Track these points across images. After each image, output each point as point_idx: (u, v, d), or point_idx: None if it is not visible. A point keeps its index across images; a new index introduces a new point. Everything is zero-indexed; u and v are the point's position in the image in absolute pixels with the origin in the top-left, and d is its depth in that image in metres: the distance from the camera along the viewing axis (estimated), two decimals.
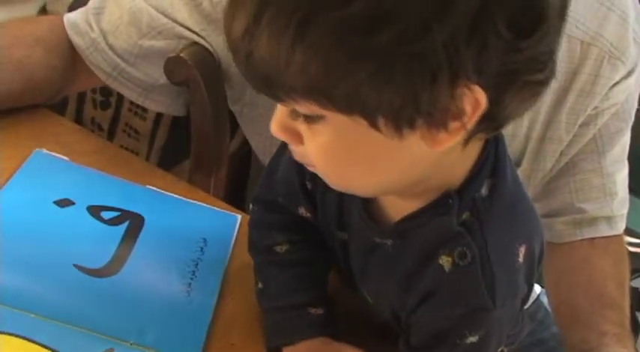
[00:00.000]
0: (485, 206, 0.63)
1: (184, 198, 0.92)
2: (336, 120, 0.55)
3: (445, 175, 0.62)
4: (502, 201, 0.64)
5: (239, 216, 0.92)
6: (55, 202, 0.84)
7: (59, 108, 1.21)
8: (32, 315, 0.71)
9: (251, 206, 0.82)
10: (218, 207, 0.93)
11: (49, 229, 0.82)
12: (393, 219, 0.67)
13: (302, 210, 0.78)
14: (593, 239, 1.02)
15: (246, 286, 0.83)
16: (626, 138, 1.02)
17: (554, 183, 1.02)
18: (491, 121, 0.56)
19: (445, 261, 0.63)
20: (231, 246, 0.88)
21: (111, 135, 1.34)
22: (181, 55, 0.93)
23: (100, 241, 0.82)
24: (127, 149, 1.33)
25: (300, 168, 0.73)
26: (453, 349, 0.65)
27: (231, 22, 0.53)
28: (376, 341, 0.78)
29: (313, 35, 0.50)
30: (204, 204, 0.93)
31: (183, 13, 0.93)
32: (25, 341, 0.69)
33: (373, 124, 0.53)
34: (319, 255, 0.80)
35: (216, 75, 0.95)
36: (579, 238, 1.02)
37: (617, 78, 0.95)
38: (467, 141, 0.58)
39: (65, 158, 0.91)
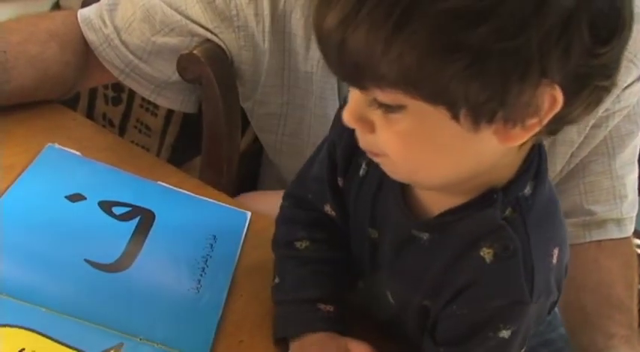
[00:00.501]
0: (527, 204, 0.65)
1: (195, 195, 0.93)
2: (417, 110, 0.56)
3: (494, 174, 0.63)
4: (541, 203, 0.66)
5: (249, 214, 0.93)
6: (66, 197, 0.85)
7: (71, 103, 1.21)
8: (43, 309, 0.72)
9: (282, 201, 0.83)
10: (228, 204, 0.94)
11: (61, 224, 0.82)
12: (432, 213, 0.68)
13: (328, 208, 0.79)
14: (601, 241, 1.02)
15: (255, 283, 0.84)
16: (636, 141, 1.02)
17: (564, 184, 1.02)
18: (556, 123, 0.58)
19: (486, 253, 0.64)
20: (241, 243, 0.88)
21: (122, 131, 1.35)
22: (194, 52, 0.93)
23: (111, 236, 0.83)
24: (137, 145, 1.33)
25: (332, 165, 0.75)
26: (484, 343, 0.66)
27: (325, 11, 0.54)
28: (376, 340, 0.78)
29: (413, 27, 0.51)
30: (215, 201, 0.93)
31: (196, 11, 0.94)
32: (35, 335, 0.70)
33: (455, 116, 0.55)
34: (338, 256, 0.80)
35: (228, 72, 0.96)
36: (588, 240, 1.02)
37: (629, 80, 0.95)
38: (525, 142, 0.59)
39: (77, 153, 0.92)
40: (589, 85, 0.56)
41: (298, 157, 1.02)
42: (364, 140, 0.62)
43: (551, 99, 0.54)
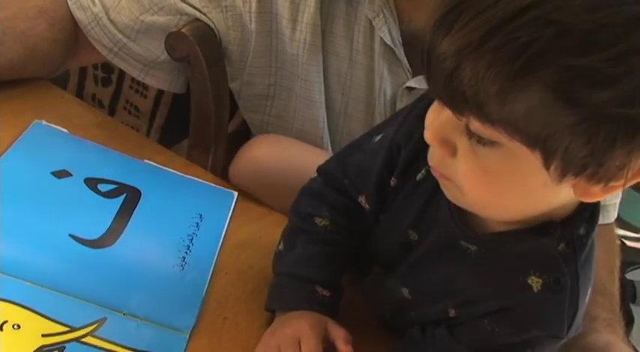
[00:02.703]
0: (581, 243, 0.64)
1: (182, 174, 0.93)
2: (510, 150, 0.54)
3: (554, 210, 0.63)
4: (589, 246, 0.65)
5: (236, 193, 0.93)
6: (52, 173, 0.85)
7: (61, 84, 1.21)
8: (27, 283, 0.72)
9: (314, 174, 0.80)
10: (215, 184, 0.94)
11: (46, 199, 0.82)
12: (485, 229, 0.67)
13: (362, 199, 0.77)
14: None
15: (240, 262, 0.84)
16: None
17: None
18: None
19: (535, 282, 0.64)
20: (227, 222, 0.88)
21: (111, 112, 1.35)
22: (182, 30, 0.93)
23: (97, 213, 0.83)
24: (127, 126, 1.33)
25: (390, 164, 0.73)
26: None
27: (446, 31, 0.52)
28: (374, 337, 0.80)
29: (537, 75, 0.50)
30: (202, 180, 0.93)
31: None
32: (18, 308, 0.70)
33: (547, 164, 0.53)
34: (352, 244, 0.79)
35: (216, 52, 0.95)
36: None
37: None
38: None
39: (65, 130, 0.91)
40: None
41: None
42: (440, 162, 0.60)
43: (636, 169, 0.54)
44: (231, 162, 0.96)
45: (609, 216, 1.04)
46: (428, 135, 0.59)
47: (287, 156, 0.93)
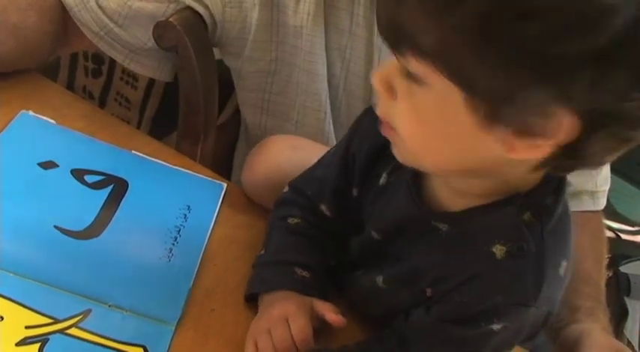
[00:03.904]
0: (547, 212, 0.65)
1: (170, 165, 0.92)
2: (440, 88, 0.56)
3: (518, 185, 0.64)
4: (558, 215, 0.66)
5: (224, 185, 0.92)
6: (38, 164, 0.84)
7: (51, 75, 1.20)
8: (11, 274, 0.71)
9: (286, 188, 0.84)
10: (204, 175, 0.93)
11: (32, 190, 0.81)
12: (454, 209, 0.68)
13: (323, 208, 0.81)
14: (573, 213, 1.01)
15: (228, 254, 0.83)
16: None
17: None
18: (568, 158, 0.58)
19: (499, 249, 0.65)
20: (216, 213, 0.88)
21: (102, 104, 1.34)
22: (171, 19, 0.92)
23: (83, 204, 0.82)
24: (117, 118, 1.32)
25: (345, 174, 0.78)
26: (473, 330, 0.66)
27: None
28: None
29: (466, 4, 0.51)
30: (190, 172, 0.92)
31: None
32: (3, 300, 0.69)
33: (472, 105, 0.55)
34: (326, 238, 0.81)
35: (205, 41, 0.95)
36: None
37: None
38: (537, 169, 0.60)
39: (52, 121, 0.90)
40: (611, 127, 0.55)
41: (282, 117, 1.01)
42: (384, 108, 0.62)
43: (568, 126, 0.54)
44: (243, 169, 0.94)
45: (598, 203, 1.04)
46: (374, 80, 0.61)
47: (303, 156, 0.92)
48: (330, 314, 0.74)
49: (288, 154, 0.91)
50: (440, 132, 0.59)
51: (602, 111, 0.53)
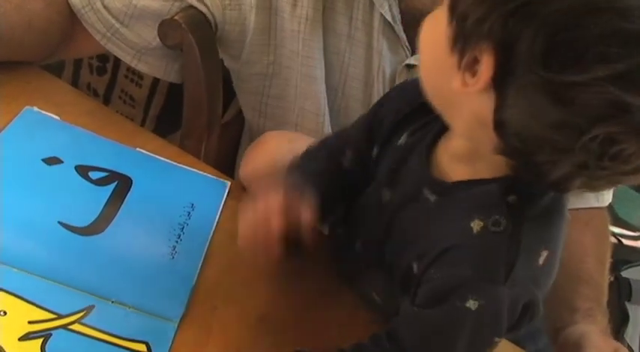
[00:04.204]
0: (533, 198, 0.65)
1: (174, 162, 0.92)
2: (441, 10, 0.61)
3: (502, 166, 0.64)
4: (545, 204, 0.66)
5: (228, 183, 0.92)
6: (43, 160, 0.84)
7: (56, 72, 1.20)
8: (15, 269, 0.71)
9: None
10: (208, 173, 0.93)
11: (36, 186, 0.81)
12: (448, 180, 0.69)
13: (343, 159, 0.81)
14: (578, 210, 1.00)
15: (231, 252, 0.83)
16: None
17: None
18: (532, 174, 0.60)
19: (476, 224, 0.64)
20: (219, 211, 0.87)
21: (107, 102, 1.34)
22: (176, 18, 0.92)
23: (87, 200, 0.82)
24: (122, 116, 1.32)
25: (369, 137, 0.79)
26: (451, 312, 0.65)
27: None
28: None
29: None
30: (194, 169, 0.92)
31: None
32: (6, 294, 0.69)
33: (449, 21, 0.59)
34: (340, 183, 0.82)
35: (210, 40, 0.95)
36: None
37: None
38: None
39: (56, 117, 0.90)
40: (520, 76, 0.56)
41: (280, 121, 1.01)
42: None
43: (486, 65, 0.56)
44: (241, 164, 0.94)
45: (602, 199, 1.04)
46: None
47: (300, 147, 0.92)
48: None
49: (285, 147, 0.91)
50: (429, 42, 0.64)
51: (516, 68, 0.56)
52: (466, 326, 0.65)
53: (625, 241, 2.19)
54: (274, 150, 0.91)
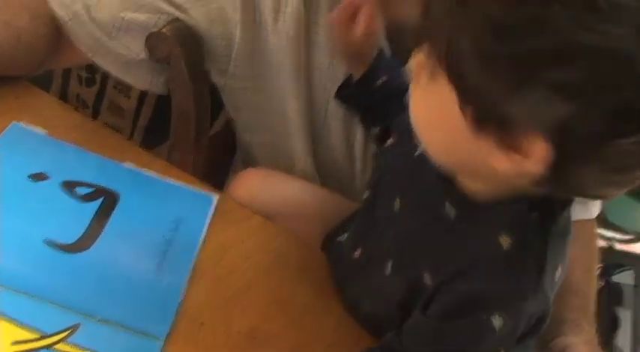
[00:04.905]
0: (554, 215, 0.67)
1: (161, 177, 0.91)
2: (442, 85, 0.59)
3: (523, 189, 0.64)
4: (563, 221, 0.68)
5: (216, 196, 0.91)
6: (29, 176, 0.84)
7: (45, 84, 1.20)
8: (0, 288, 0.71)
9: None
10: (195, 187, 0.92)
11: (22, 202, 0.81)
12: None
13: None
14: None
15: (218, 267, 0.83)
16: None
17: None
18: (557, 183, 0.60)
19: (504, 240, 0.66)
20: (206, 226, 0.87)
21: (95, 113, 1.33)
22: (163, 30, 0.92)
23: (73, 217, 0.82)
24: (111, 127, 1.31)
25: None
26: (473, 324, 0.67)
27: None
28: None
29: (468, 9, 0.56)
30: (181, 183, 0.92)
31: None
32: None
33: (462, 105, 0.59)
34: None
35: (197, 53, 0.94)
36: None
37: None
38: (538, 185, 0.61)
39: (43, 132, 0.90)
40: (592, 165, 0.57)
41: (271, 133, 1.01)
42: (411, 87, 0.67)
43: (541, 151, 0.56)
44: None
45: (591, 211, 1.04)
46: (411, 60, 0.65)
47: (276, 197, 0.95)
48: None
49: (260, 186, 0.94)
50: (435, 125, 0.63)
51: (576, 148, 0.56)
52: (484, 338, 0.67)
53: (617, 245, 2.19)
54: (249, 191, 0.94)
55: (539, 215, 0.66)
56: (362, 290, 0.80)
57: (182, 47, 0.92)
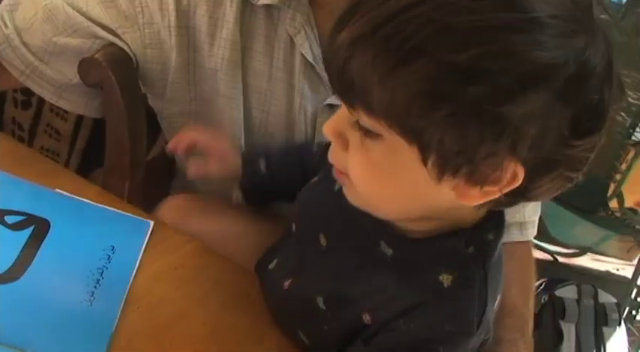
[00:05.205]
0: (490, 247, 0.68)
1: (95, 203, 0.90)
2: (392, 144, 0.59)
3: (462, 220, 0.66)
4: (497, 252, 0.69)
5: (151, 222, 0.90)
6: None
7: None
8: None
9: None
10: (130, 213, 0.91)
11: None
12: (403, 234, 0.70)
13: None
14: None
15: (153, 295, 0.82)
16: None
17: None
18: (514, 197, 0.61)
19: (445, 278, 0.66)
20: (141, 253, 0.85)
21: (32, 136, 1.31)
22: (96, 56, 0.91)
23: (2, 246, 0.79)
24: (47, 150, 1.29)
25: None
26: None
27: (342, 26, 0.58)
28: None
29: (414, 66, 0.54)
30: (116, 210, 0.90)
31: (97, 11, 0.91)
32: None
33: (424, 159, 0.58)
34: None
35: (131, 77, 0.93)
36: None
37: None
38: (481, 207, 0.63)
39: None
40: (555, 171, 0.59)
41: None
42: (336, 156, 0.65)
43: (513, 174, 0.58)
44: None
45: (527, 233, 1.05)
46: (325, 129, 0.64)
47: (204, 221, 0.95)
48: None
49: (186, 211, 0.95)
50: (392, 183, 0.62)
51: (545, 159, 0.58)
52: None
53: (560, 259, 2.23)
54: (172, 219, 0.93)
55: (475, 249, 0.67)
56: (296, 320, 0.80)
57: (115, 72, 0.91)
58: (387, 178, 0.62)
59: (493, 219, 0.68)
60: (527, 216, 1.05)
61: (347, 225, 0.74)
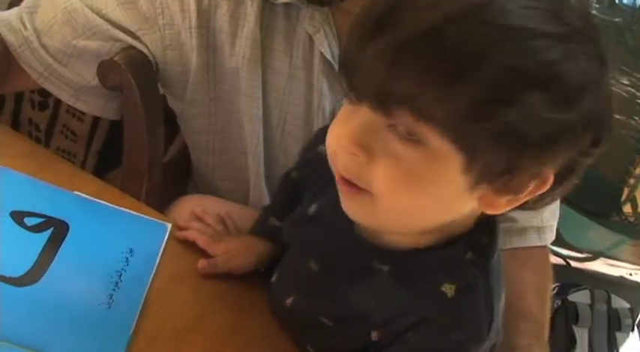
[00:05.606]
0: (487, 249, 0.67)
1: (113, 205, 0.90)
2: (435, 149, 0.56)
3: (453, 229, 0.66)
4: (495, 251, 0.69)
5: (169, 225, 0.90)
6: None
7: None
8: None
9: None
10: (149, 215, 0.91)
11: None
12: (392, 248, 0.69)
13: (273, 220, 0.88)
14: (517, 249, 1.02)
15: (171, 298, 0.82)
16: None
17: None
18: (533, 202, 0.62)
19: (448, 288, 0.66)
20: (159, 256, 0.86)
21: (48, 137, 1.31)
22: (115, 58, 0.91)
23: (22, 248, 0.80)
24: (64, 151, 1.30)
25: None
26: None
27: (379, 29, 0.54)
28: None
29: (478, 73, 0.52)
30: (134, 212, 0.90)
31: (117, 14, 0.92)
32: None
33: (469, 167, 0.56)
34: None
35: (150, 80, 0.94)
36: (508, 247, 1.02)
37: None
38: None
39: None
40: (571, 177, 0.60)
41: (232, 154, 1.01)
42: (354, 167, 0.60)
43: (542, 182, 0.58)
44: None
45: (545, 237, 1.05)
46: (346, 140, 0.59)
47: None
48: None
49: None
50: (424, 192, 0.59)
51: (567, 167, 0.59)
52: None
53: (573, 263, 2.22)
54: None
55: (472, 254, 0.67)
56: (303, 334, 0.79)
57: (134, 75, 0.91)
58: (419, 188, 0.58)
59: (486, 222, 0.67)
60: (546, 220, 1.04)
61: (334, 247, 0.74)
